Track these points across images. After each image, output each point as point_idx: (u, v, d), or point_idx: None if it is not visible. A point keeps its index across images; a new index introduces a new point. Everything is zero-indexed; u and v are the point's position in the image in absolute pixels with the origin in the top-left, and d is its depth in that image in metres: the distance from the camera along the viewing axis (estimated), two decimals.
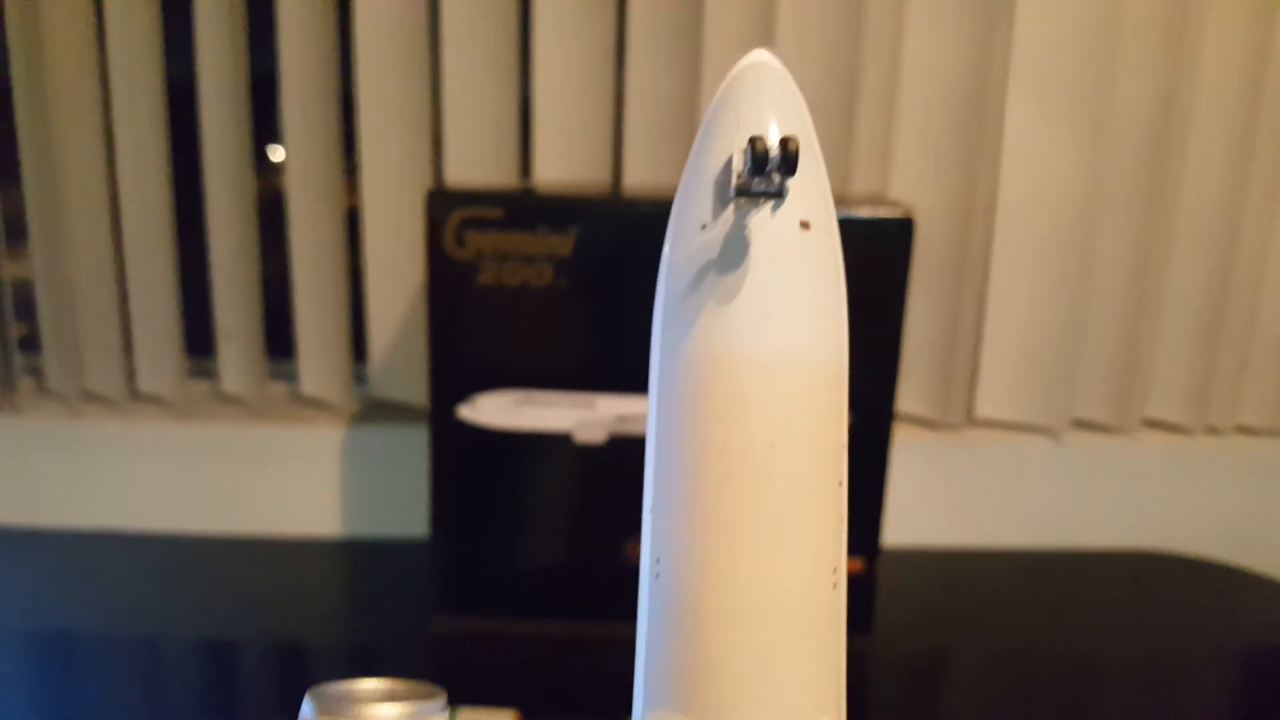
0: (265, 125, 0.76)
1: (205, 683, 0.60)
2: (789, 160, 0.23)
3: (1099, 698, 0.58)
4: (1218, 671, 0.63)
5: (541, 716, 0.52)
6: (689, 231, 0.25)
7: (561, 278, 0.56)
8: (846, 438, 0.26)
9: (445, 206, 0.56)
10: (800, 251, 0.25)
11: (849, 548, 0.26)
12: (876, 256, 0.56)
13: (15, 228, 0.76)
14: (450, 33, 0.71)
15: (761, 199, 0.24)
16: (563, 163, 0.73)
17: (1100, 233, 0.74)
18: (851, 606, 0.26)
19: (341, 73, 0.73)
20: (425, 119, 0.73)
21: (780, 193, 0.24)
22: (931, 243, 0.73)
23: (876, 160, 0.72)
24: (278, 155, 0.77)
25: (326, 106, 0.73)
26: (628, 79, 0.71)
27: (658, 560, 0.25)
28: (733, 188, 0.24)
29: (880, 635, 0.62)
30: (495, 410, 0.58)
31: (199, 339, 0.78)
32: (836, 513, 0.25)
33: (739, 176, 0.24)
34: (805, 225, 0.25)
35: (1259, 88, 0.73)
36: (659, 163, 0.72)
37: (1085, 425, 0.79)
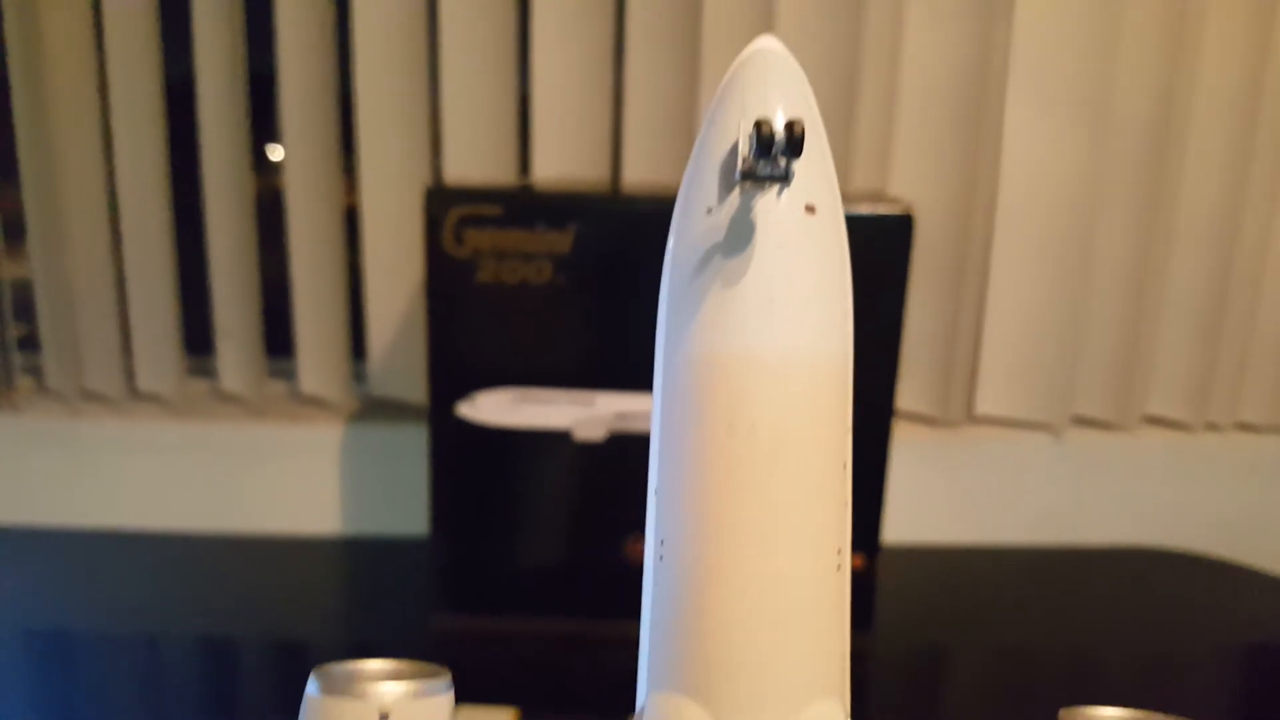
0: (264, 124, 0.76)
1: (205, 681, 0.60)
2: (795, 143, 0.23)
3: (1099, 694, 0.58)
4: (1218, 668, 0.63)
5: (541, 714, 0.52)
6: (695, 215, 0.25)
7: (560, 275, 0.56)
8: (851, 420, 0.26)
9: (444, 204, 0.56)
10: (806, 235, 0.25)
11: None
12: (876, 253, 0.56)
13: (14, 227, 0.76)
14: (449, 30, 0.70)
15: (767, 183, 0.24)
16: (561, 160, 0.72)
17: (1100, 229, 0.74)
18: (852, 603, 0.26)
19: (340, 71, 0.73)
20: (424, 117, 0.73)
21: (786, 176, 0.24)
22: (931, 240, 0.72)
23: (876, 157, 0.72)
24: (277, 154, 0.77)
25: (325, 105, 0.73)
26: (627, 76, 0.71)
27: (662, 542, 0.25)
28: (738, 171, 0.24)
29: (880, 632, 0.62)
30: (494, 408, 0.58)
31: (198, 338, 0.78)
32: (841, 495, 0.25)
33: (745, 160, 0.23)
34: (811, 209, 0.25)
35: (1259, 85, 0.73)
36: (658, 160, 0.72)
37: (1085, 422, 0.79)
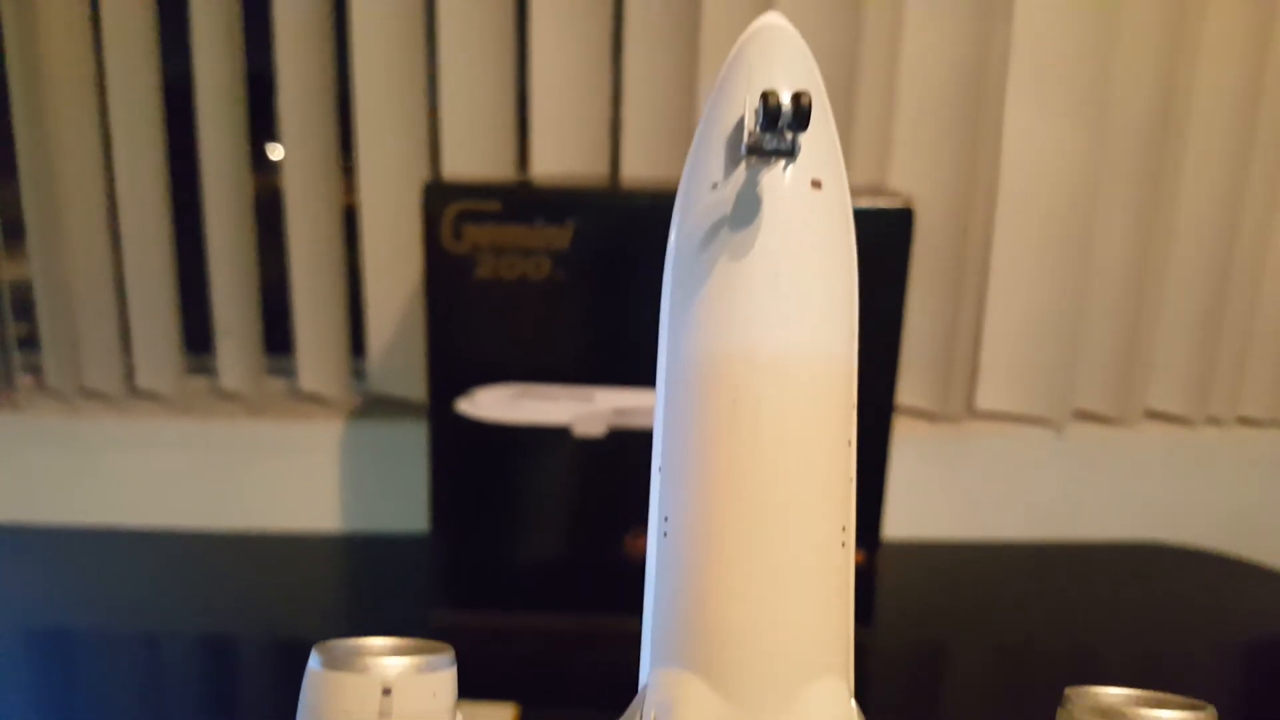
0: (263, 123, 0.76)
1: (204, 678, 0.60)
2: (801, 115, 0.23)
3: None
4: (1219, 662, 0.63)
5: (541, 710, 0.52)
6: (700, 190, 0.25)
7: (559, 271, 0.56)
8: (855, 397, 0.26)
9: (442, 199, 0.56)
10: (812, 210, 0.25)
11: None
12: (876, 247, 0.56)
13: (13, 227, 0.76)
14: (447, 27, 0.70)
15: (773, 157, 0.24)
16: (560, 156, 0.72)
17: (1101, 223, 0.74)
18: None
19: (339, 70, 0.73)
20: (422, 114, 0.73)
21: (792, 151, 0.24)
22: (931, 234, 0.72)
23: (876, 151, 0.72)
24: (277, 154, 0.77)
25: (324, 104, 0.73)
26: (625, 72, 0.71)
27: (666, 519, 0.25)
28: (744, 145, 0.24)
29: (881, 628, 0.62)
30: (494, 404, 0.58)
31: (197, 335, 0.78)
32: (845, 472, 0.25)
33: (751, 134, 0.23)
34: (817, 184, 0.25)
35: (1258, 80, 0.73)
36: (656, 155, 0.72)
37: (1086, 417, 0.79)
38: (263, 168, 0.80)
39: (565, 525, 0.61)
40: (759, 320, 0.24)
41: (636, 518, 0.26)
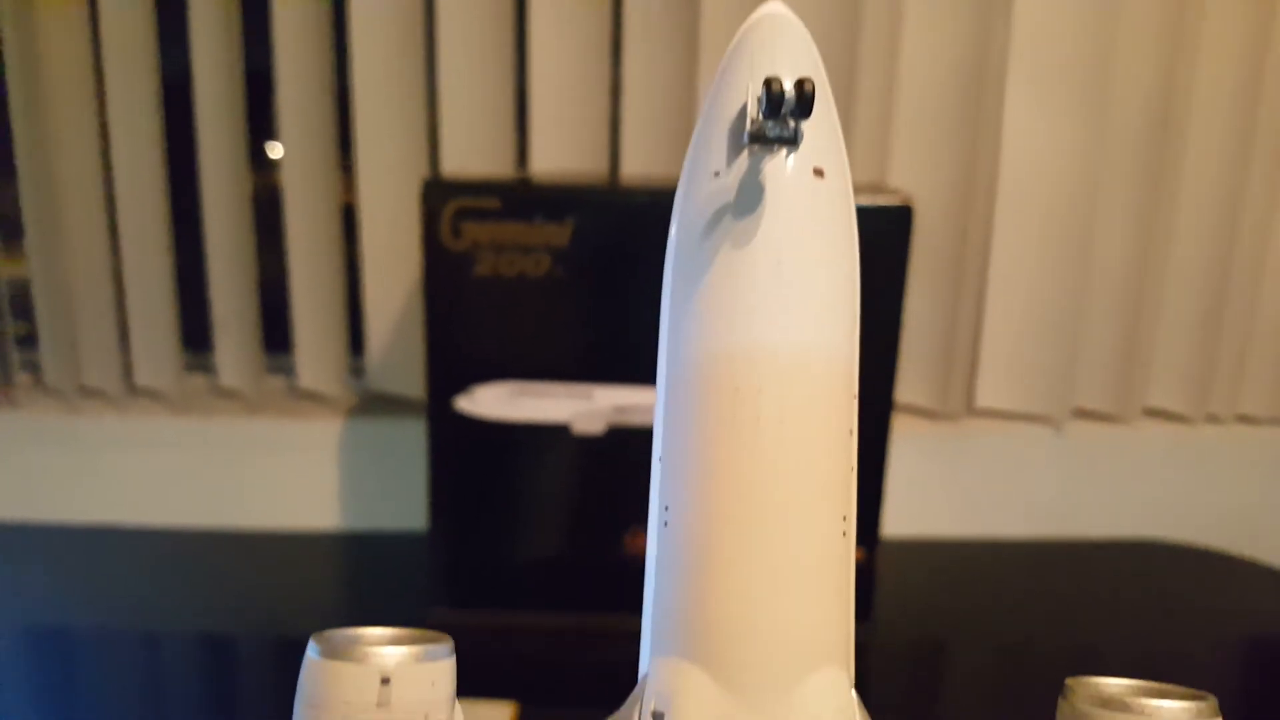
0: (262, 121, 0.76)
1: (203, 677, 0.60)
2: (804, 102, 0.23)
3: None
4: (1219, 660, 0.63)
5: (540, 708, 0.52)
6: (702, 179, 0.25)
7: (558, 268, 0.56)
8: (857, 387, 0.25)
9: (441, 197, 0.56)
10: (814, 198, 0.24)
11: None
12: (875, 245, 0.56)
13: (11, 225, 0.76)
14: (446, 24, 0.70)
15: (776, 145, 0.24)
16: (559, 153, 0.72)
17: (1100, 220, 0.74)
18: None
19: (338, 68, 0.73)
20: (421, 112, 0.73)
21: (795, 139, 0.24)
22: (930, 231, 0.72)
23: (875, 148, 0.72)
24: (276, 152, 0.77)
25: (322, 102, 0.73)
26: (625, 69, 0.71)
27: (666, 508, 0.25)
28: (747, 133, 0.24)
29: (880, 625, 0.62)
30: (493, 402, 0.58)
31: (196, 333, 0.78)
32: (846, 461, 0.25)
33: (754, 122, 0.23)
34: (819, 173, 0.25)
35: (1258, 77, 0.73)
36: (656, 153, 0.72)
37: (1086, 414, 0.79)
38: (262, 166, 0.80)
39: (565, 523, 0.61)
40: (761, 308, 0.24)
41: (636, 516, 0.26)
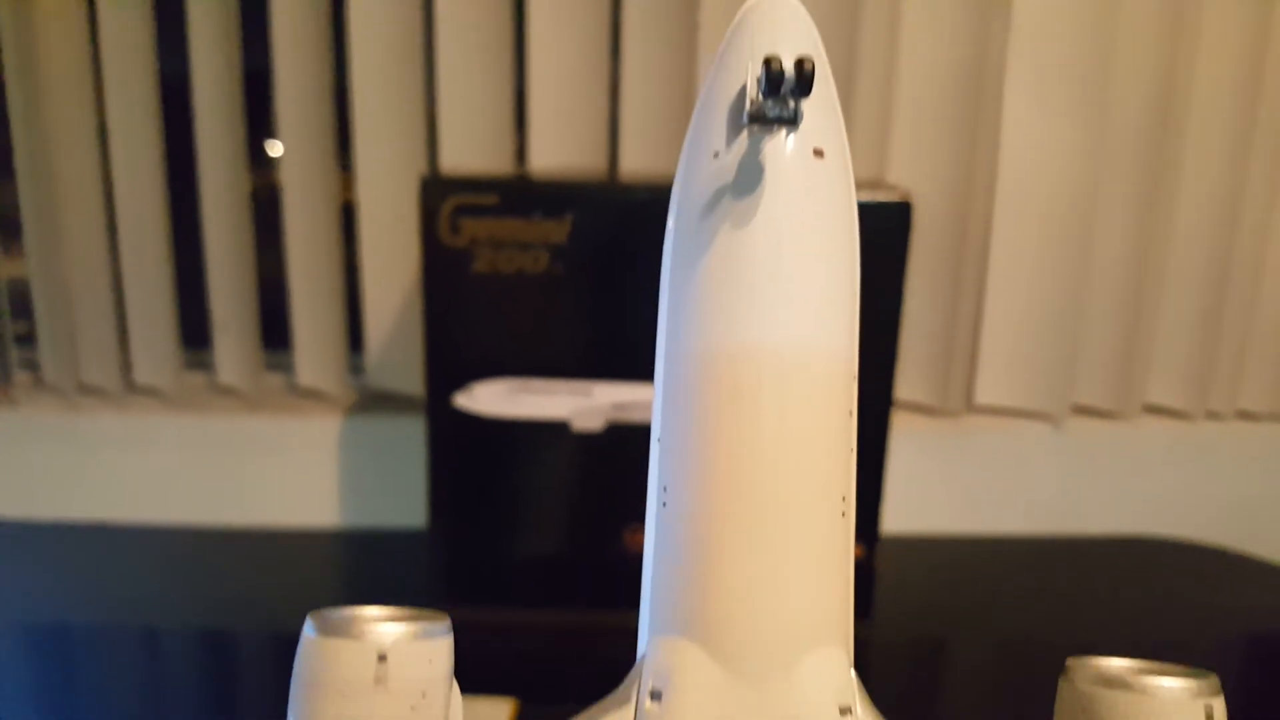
0: (261, 120, 0.76)
1: (203, 674, 0.60)
2: (804, 81, 0.23)
3: None
4: (1219, 657, 0.63)
5: (540, 704, 0.52)
6: (702, 160, 0.25)
7: (557, 264, 0.56)
8: (857, 368, 0.25)
9: (440, 193, 0.56)
10: (814, 179, 0.24)
11: None
12: (874, 241, 0.56)
13: (10, 224, 0.76)
14: (445, 21, 0.70)
15: (776, 125, 0.24)
16: (558, 150, 0.72)
17: (1100, 217, 0.74)
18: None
19: (336, 66, 0.73)
20: (420, 109, 0.73)
21: (794, 119, 0.24)
22: (930, 227, 0.72)
23: (874, 144, 0.72)
24: (276, 150, 0.77)
25: (321, 100, 0.73)
26: (624, 65, 0.71)
27: (665, 489, 0.25)
28: (746, 113, 0.24)
29: (879, 622, 0.62)
30: (492, 399, 0.58)
31: (195, 331, 0.78)
32: (846, 442, 0.25)
33: (753, 102, 0.23)
34: (819, 153, 0.25)
35: (1258, 74, 0.72)
36: (655, 149, 0.72)
37: (1085, 411, 0.79)
38: (261, 164, 0.79)
39: (564, 520, 0.61)
40: (761, 289, 0.24)
41: (635, 512, 0.26)
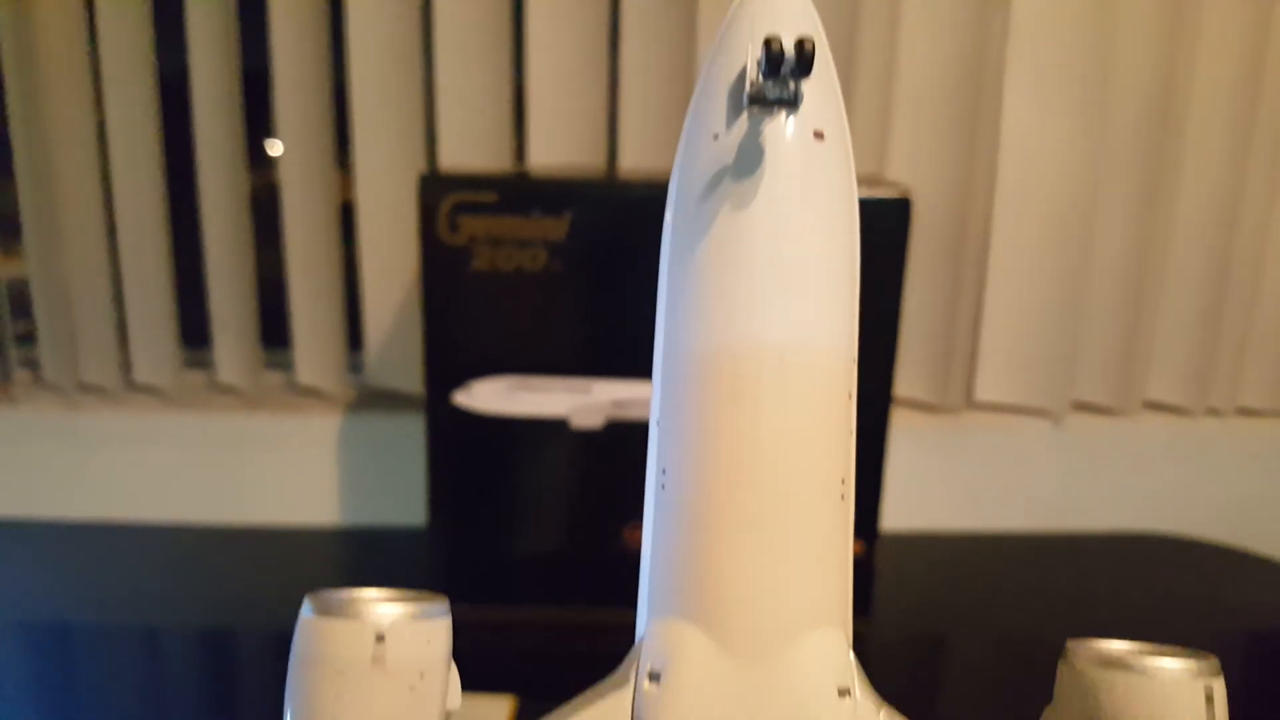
0: (261, 119, 0.76)
1: (202, 672, 0.60)
2: (804, 61, 0.23)
3: None
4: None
5: (539, 702, 0.52)
6: (701, 142, 0.25)
7: (556, 262, 0.56)
8: (856, 350, 0.25)
9: (438, 191, 0.56)
10: (814, 160, 0.24)
11: None
12: (873, 238, 0.56)
13: (10, 223, 0.76)
14: (443, 19, 0.70)
15: (776, 107, 0.24)
16: (557, 147, 0.72)
17: (1100, 214, 0.74)
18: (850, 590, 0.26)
19: (335, 65, 0.73)
20: (419, 108, 0.73)
21: (794, 100, 0.23)
22: (929, 224, 0.72)
23: (873, 141, 0.72)
24: (275, 149, 0.77)
25: (320, 99, 0.73)
26: (622, 63, 0.71)
27: (664, 471, 0.25)
28: (746, 95, 0.23)
29: (879, 619, 0.62)
30: (491, 396, 0.58)
31: (194, 329, 0.78)
32: (845, 425, 0.25)
33: (753, 83, 0.23)
34: (819, 135, 0.25)
35: (1258, 68, 0.72)
36: (654, 146, 0.72)
37: (1085, 408, 0.79)
38: (260, 163, 0.79)
39: (563, 518, 0.61)
40: (761, 272, 0.24)
41: (635, 510, 0.26)
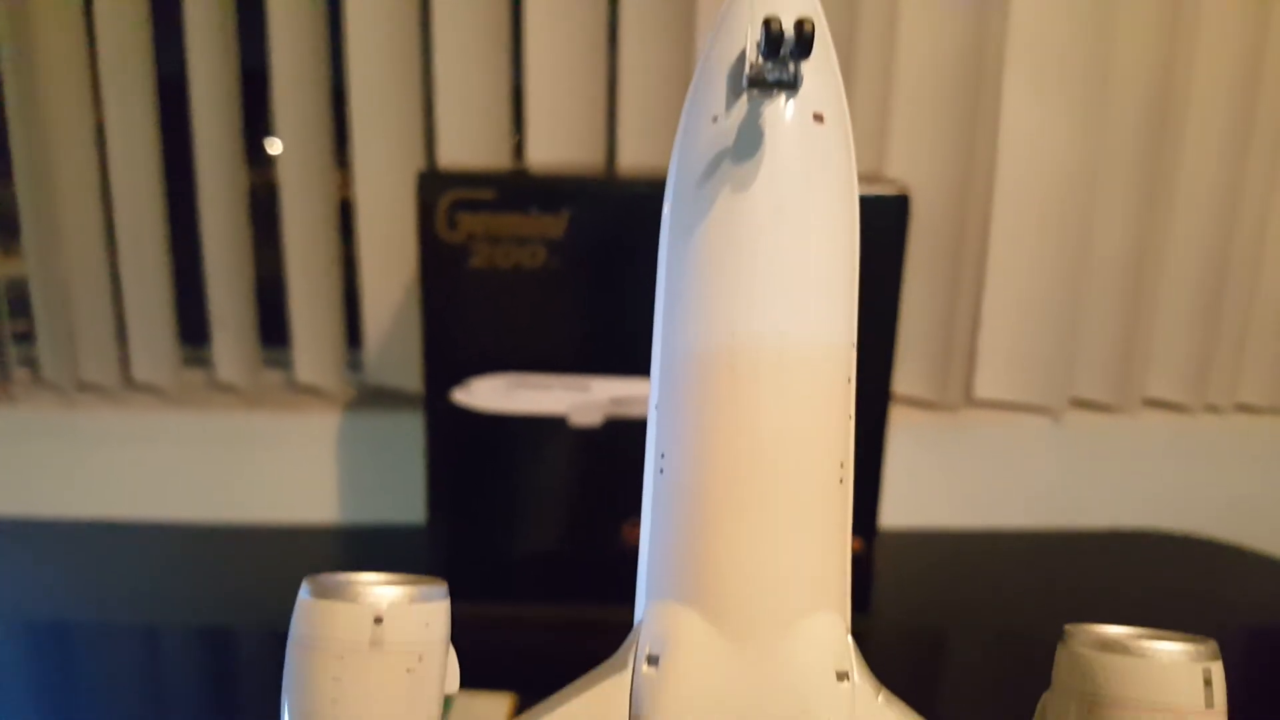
0: (259, 118, 0.75)
1: (201, 670, 0.60)
2: (804, 42, 0.22)
3: None
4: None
5: (538, 700, 0.52)
6: (701, 124, 0.25)
7: (555, 259, 0.56)
8: (856, 336, 0.25)
9: (437, 188, 0.56)
10: (814, 143, 0.24)
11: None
12: (872, 235, 0.56)
13: (8, 222, 0.76)
14: (441, 17, 0.70)
15: (775, 89, 0.24)
16: (555, 145, 0.72)
17: (1098, 210, 0.73)
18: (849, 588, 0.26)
19: (333, 64, 0.73)
20: (417, 107, 0.73)
21: (794, 82, 0.23)
22: (928, 221, 0.72)
23: (872, 138, 0.72)
24: (274, 148, 0.77)
25: (318, 97, 0.73)
26: (621, 60, 0.71)
27: (662, 455, 0.25)
28: (746, 77, 0.23)
29: (878, 616, 0.62)
30: (489, 394, 0.58)
31: (193, 328, 0.78)
32: (844, 408, 0.25)
33: (753, 65, 0.23)
34: (819, 118, 0.25)
35: (1256, 66, 0.72)
36: (652, 143, 0.71)
37: (1084, 405, 0.79)
38: (258, 162, 0.79)
39: (562, 515, 0.61)
40: (761, 254, 0.24)
41: (633, 507, 0.26)
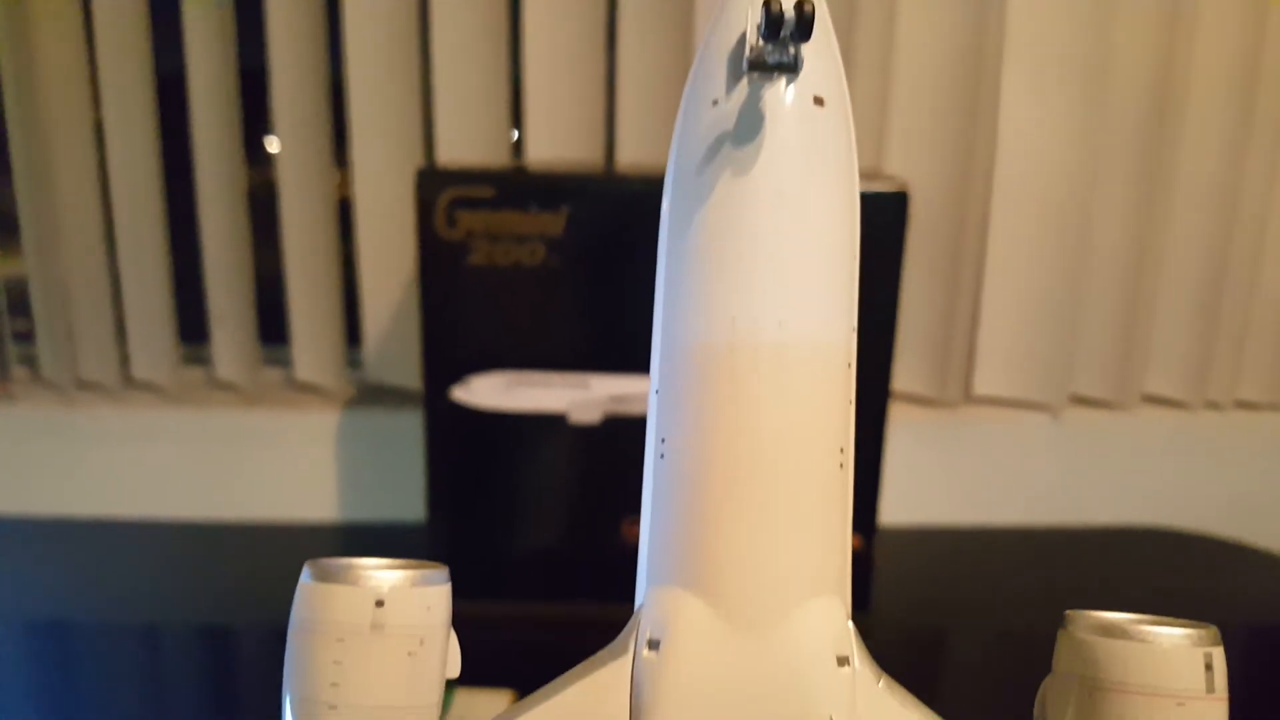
0: (258, 117, 0.75)
1: (201, 668, 0.60)
2: (804, 24, 0.22)
3: None
4: None
5: None
6: (701, 108, 0.25)
7: (554, 257, 0.56)
8: (856, 320, 0.25)
9: (436, 186, 0.55)
10: (814, 127, 0.24)
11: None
12: (871, 231, 0.56)
13: (8, 222, 0.76)
14: (440, 15, 0.70)
15: (776, 73, 0.24)
16: (554, 142, 0.72)
17: (1098, 207, 0.73)
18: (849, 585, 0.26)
19: (332, 62, 0.73)
20: (416, 105, 0.73)
21: (794, 65, 0.23)
22: (928, 218, 0.72)
23: (871, 135, 0.72)
24: (273, 146, 0.77)
25: (317, 96, 0.73)
26: (619, 57, 0.71)
27: (663, 440, 0.25)
28: (746, 60, 0.23)
29: (878, 613, 0.62)
30: (489, 391, 0.58)
31: (193, 326, 0.78)
32: (844, 394, 0.25)
33: (753, 48, 0.23)
34: (819, 101, 0.24)
35: (1255, 62, 0.72)
36: (651, 141, 0.71)
37: (1084, 402, 0.79)
38: (257, 161, 0.79)
39: (562, 513, 0.61)
40: (760, 238, 0.24)
41: (633, 505, 0.26)
